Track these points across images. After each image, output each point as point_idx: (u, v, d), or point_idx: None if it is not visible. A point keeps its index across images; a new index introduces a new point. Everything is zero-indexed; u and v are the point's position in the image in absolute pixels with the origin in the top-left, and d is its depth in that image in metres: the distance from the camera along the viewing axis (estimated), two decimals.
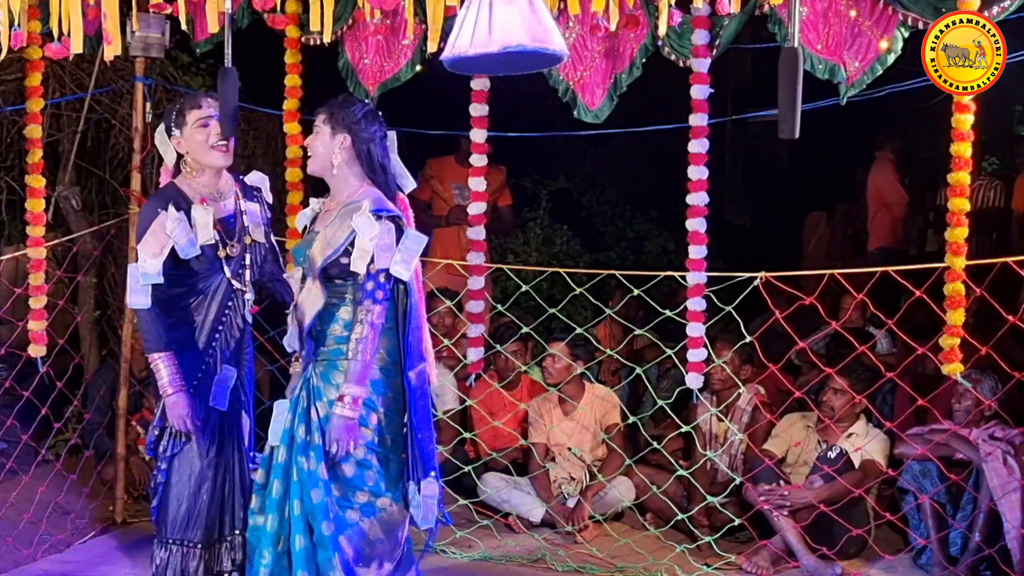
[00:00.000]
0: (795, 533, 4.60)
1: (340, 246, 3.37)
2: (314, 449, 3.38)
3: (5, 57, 4.07)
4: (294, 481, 3.40)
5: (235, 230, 3.76)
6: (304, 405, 3.44)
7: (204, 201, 3.70)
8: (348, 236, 3.37)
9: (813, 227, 8.70)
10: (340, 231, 3.39)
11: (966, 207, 3.92)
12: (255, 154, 7.06)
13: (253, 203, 3.86)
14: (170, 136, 3.74)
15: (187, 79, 6.08)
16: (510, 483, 5.22)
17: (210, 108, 3.71)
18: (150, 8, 4.39)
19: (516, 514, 5.15)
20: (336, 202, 3.51)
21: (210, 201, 3.73)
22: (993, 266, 4.06)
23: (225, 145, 3.72)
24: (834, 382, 4.74)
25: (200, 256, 3.67)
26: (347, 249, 3.37)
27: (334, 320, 3.43)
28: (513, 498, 5.17)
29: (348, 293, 3.42)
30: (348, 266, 3.36)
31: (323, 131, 3.46)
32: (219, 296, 3.74)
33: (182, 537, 3.74)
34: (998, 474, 4.31)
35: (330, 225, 3.44)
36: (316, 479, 3.37)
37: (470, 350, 4.88)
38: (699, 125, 4.34)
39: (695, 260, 4.40)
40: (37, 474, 4.95)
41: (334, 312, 3.43)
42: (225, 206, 3.76)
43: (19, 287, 4.74)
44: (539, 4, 3.00)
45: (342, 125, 3.44)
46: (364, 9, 4.28)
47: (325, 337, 3.45)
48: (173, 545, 3.75)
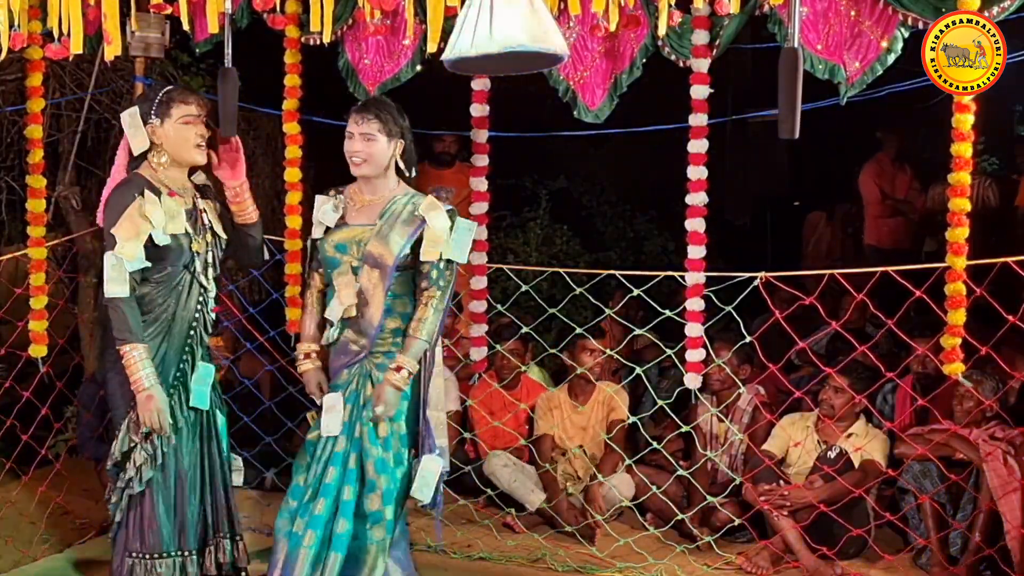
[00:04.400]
0: (795, 533, 4.60)
1: (410, 238, 3.60)
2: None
3: (5, 57, 4.07)
4: (351, 469, 3.61)
5: (199, 225, 3.74)
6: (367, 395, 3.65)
7: (173, 195, 3.67)
8: (417, 228, 3.61)
9: (813, 227, 8.70)
10: (406, 225, 3.62)
11: (966, 207, 3.91)
12: (255, 154, 7.06)
13: (208, 200, 3.83)
14: (145, 123, 3.65)
15: (187, 79, 6.08)
16: (516, 466, 5.24)
17: (198, 108, 3.69)
18: (150, 8, 4.39)
19: (517, 495, 5.17)
20: (379, 196, 3.71)
21: (178, 195, 3.69)
22: (993, 266, 4.06)
23: (203, 145, 3.71)
24: (834, 381, 4.74)
25: (173, 247, 3.61)
26: (417, 240, 3.61)
27: (390, 314, 3.63)
28: (516, 479, 5.19)
29: (403, 285, 3.65)
30: (411, 257, 3.62)
31: (379, 139, 3.65)
32: (190, 292, 3.70)
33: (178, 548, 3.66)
34: (998, 474, 4.32)
35: (385, 220, 3.64)
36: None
37: (472, 350, 4.89)
38: (699, 125, 4.34)
39: (694, 260, 4.40)
40: (37, 474, 4.94)
41: (389, 306, 3.63)
42: (187, 202, 3.73)
43: (19, 287, 4.73)
44: (539, 4, 3.00)
45: (396, 132, 3.67)
46: (364, 9, 4.28)
47: (382, 331, 3.63)
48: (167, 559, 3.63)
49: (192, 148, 3.68)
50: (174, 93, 3.71)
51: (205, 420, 3.77)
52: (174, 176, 3.71)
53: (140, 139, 3.66)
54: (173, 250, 3.62)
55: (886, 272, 4.20)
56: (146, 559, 3.61)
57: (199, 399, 3.72)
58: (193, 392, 3.71)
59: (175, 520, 3.66)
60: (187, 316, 3.69)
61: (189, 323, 3.70)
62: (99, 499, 5.01)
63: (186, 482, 3.68)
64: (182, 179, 3.74)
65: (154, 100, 3.68)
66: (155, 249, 3.57)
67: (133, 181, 3.65)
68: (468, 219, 4.65)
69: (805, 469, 4.84)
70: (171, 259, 3.62)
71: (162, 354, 3.63)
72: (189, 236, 3.66)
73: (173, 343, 3.66)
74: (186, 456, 3.69)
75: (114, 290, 3.52)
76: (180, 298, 3.67)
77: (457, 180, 6.39)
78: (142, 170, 3.68)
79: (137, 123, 3.66)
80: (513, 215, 7.87)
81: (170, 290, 3.65)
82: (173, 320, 3.65)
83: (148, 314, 3.61)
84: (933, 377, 4.70)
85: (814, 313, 4.40)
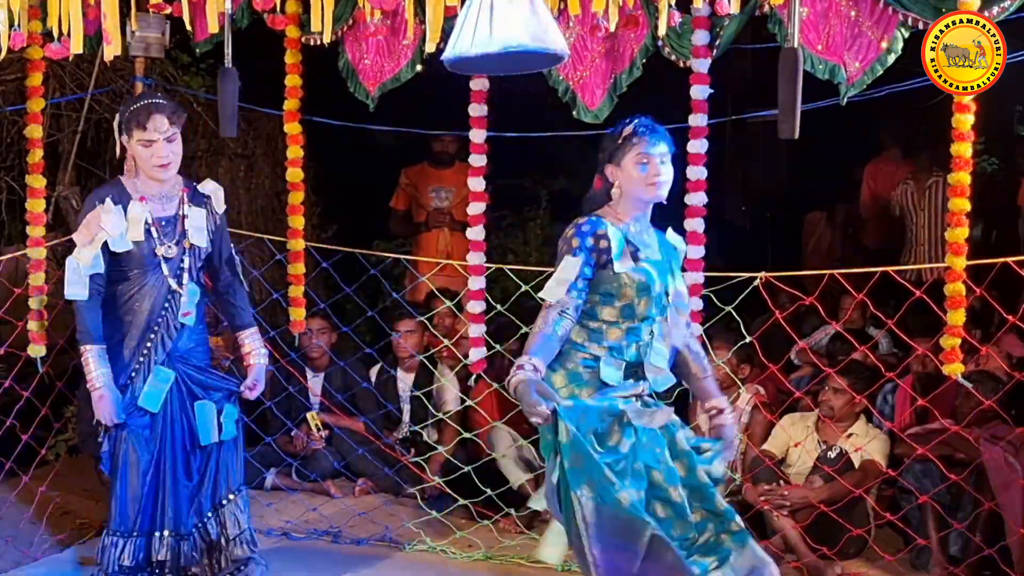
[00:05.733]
0: (795, 533, 4.60)
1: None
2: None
3: (5, 57, 4.07)
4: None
5: (174, 232, 3.81)
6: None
7: (144, 199, 3.77)
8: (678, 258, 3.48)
9: (813, 227, 8.69)
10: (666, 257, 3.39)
11: (966, 207, 3.92)
12: (255, 154, 7.07)
13: (199, 208, 3.89)
14: (119, 132, 3.80)
15: (187, 79, 6.09)
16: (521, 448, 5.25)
17: (155, 133, 3.71)
18: (150, 8, 4.39)
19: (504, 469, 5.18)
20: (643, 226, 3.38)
21: (150, 200, 3.79)
22: (993, 266, 4.06)
23: (167, 164, 3.75)
24: (834, 382, 4.74)
25: (133, 253, 3.73)
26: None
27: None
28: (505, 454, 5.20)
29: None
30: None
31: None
32: (155, 296, 3.80)
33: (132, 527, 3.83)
34: (999, 474, 4.31)
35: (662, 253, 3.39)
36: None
37: (472, 350, 4.88)
38: (699, 125, 4.34)
39: (693, 260, 4.40)
40: (37, 474, 4.94)
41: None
42: (166, 207, 3.82)
43: (19, 287, 4.73)
44: (540, 4, 3.01)
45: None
46: (364, 9, 4.28)
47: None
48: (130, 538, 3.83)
49: (151, 168, 3.75)
50: (138, 113, 3.72)
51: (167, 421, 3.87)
52: (146, 181, 3.80)
53: (121, 144, 3.81)
54: (134, 256, 3.74)
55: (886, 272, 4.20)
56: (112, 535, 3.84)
57: (148, 400, 3.81)
58: (143, 394, 3.81)
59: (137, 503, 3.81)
60: (151, 318, 3.80)
61: (150, 325, 3.80)
62: (99, 499, 5.01)
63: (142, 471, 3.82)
64: (156, 186, 3.81)
65: (125, 112, 3.77)
66: (116, 253, 3.70)
67: (104, 187, 3.84)
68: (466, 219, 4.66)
69: (805, 469, 4.84)
70: (134, 263, 3.76)
71: (121, 352, 3.79)
72: (154, 242, 3.76)
73: (132, 343, 3.80)
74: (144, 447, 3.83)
75: (72, 292, 3.71)
76: (141, 301, 3.80)
77: (457, 180, 6.38)
78: (124, 176, 3.83)
79: (118, 131, 3.81)
80: (513, 215, 7.87)
81: (140, 291, 3.79)
82: (133, 321, 3.80)
83: (121, 310, 3.79)
84: (933, 377, 4.70)
85: (814, 313, 4.40)
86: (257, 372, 4.10)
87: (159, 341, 3.82)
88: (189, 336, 3.92)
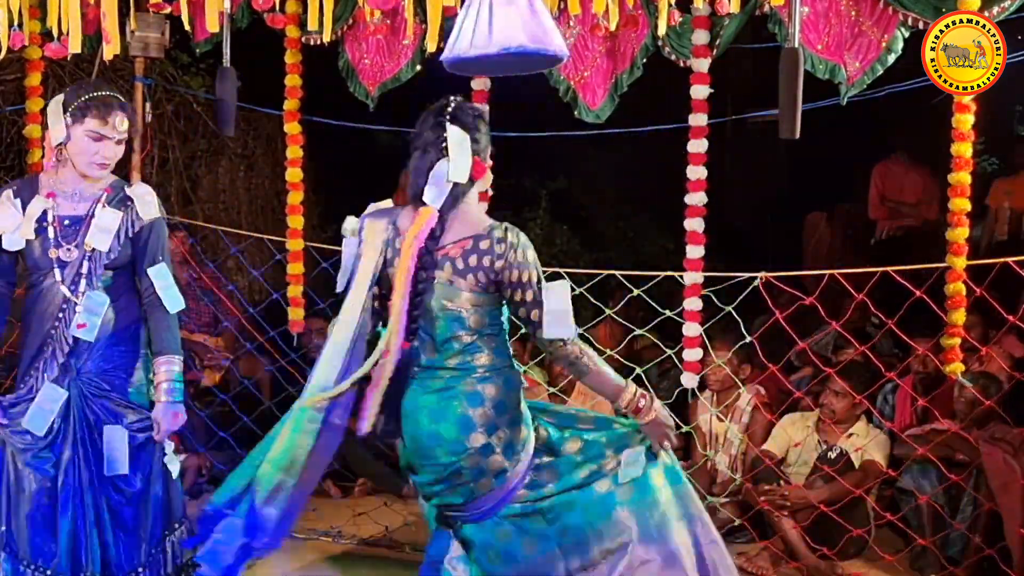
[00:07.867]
0: (795, 533, 4.60)
1: None
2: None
3: (5, 57, 4.08)
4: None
5: (77, 233, 3.37)
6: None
7: (52, 196, 3.38)
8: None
9: (813, 228, 8.69)
10: None
11: (966, 207, 3.92)
12: (255, 154, 7.07)
13: (115, 211, 3.41)
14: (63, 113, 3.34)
15: (187, 79, 6.09)
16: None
17: (112, 131, 3.34)
18: (149, 8, 4.39)
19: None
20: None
21: (61, 197, 3.39)
22: (994, 266, 4.06)
23: (107, 164, 3.39)
24: (834, 384, 4.74)
25: (30, 253, 3.38)
26: None
27: None
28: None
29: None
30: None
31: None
32: (49, 303, 3.37)
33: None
34: (998, 475, 4.31)
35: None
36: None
37: None
38: (699, 125, 4.34)
39: (692, 260, 4.40)
40: None
41: None
42: (77, 206, 3.40)
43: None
44: (539, 5, 3.00)
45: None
46: (364, 9, 4.28)
47: None
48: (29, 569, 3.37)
49: (88, 164, 3.36)
50: (97, 102, 3.34)
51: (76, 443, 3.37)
52: (66, 178, 3.40)
53: (57, 131, 3.35)
54: (27, 256, 3.40)
55: (886, 273, 4.20)
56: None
57: (32, 420, 3.33)
58: (29, 412, 3.34)
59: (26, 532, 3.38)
60: (47, 328, 3.37)
61: (43, 338, 3.37)
62: None
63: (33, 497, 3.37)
64: (75, 183, 3.40)
65: (75, 98, 3.35)
66: (11, 253, 3.40)
67: (17, 181, 3.49)
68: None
69: (805, 469, 4.84)
70: (31, 265, 3.41)
71: (26, 362, 3.40)
72: (48, 243, 3.36)
73: (31, 352, 3.40)
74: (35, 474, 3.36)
75: None
76: (37, 306, 3.40)
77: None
78: (46, 170, 3.46)
79: (58, 113, 3.35)
80: (513, 215, 7.87)
81: (39, 297, 3.40)
82: (30, 329, 3.41)
83: (27, 316, 3.42)
84: (934, 377, 4.69)
85: (815, 314, 4.40)
86: (157, 411, 3.43)
87: (50, 355, 3.36)
88: (97, 354, 3.39)
